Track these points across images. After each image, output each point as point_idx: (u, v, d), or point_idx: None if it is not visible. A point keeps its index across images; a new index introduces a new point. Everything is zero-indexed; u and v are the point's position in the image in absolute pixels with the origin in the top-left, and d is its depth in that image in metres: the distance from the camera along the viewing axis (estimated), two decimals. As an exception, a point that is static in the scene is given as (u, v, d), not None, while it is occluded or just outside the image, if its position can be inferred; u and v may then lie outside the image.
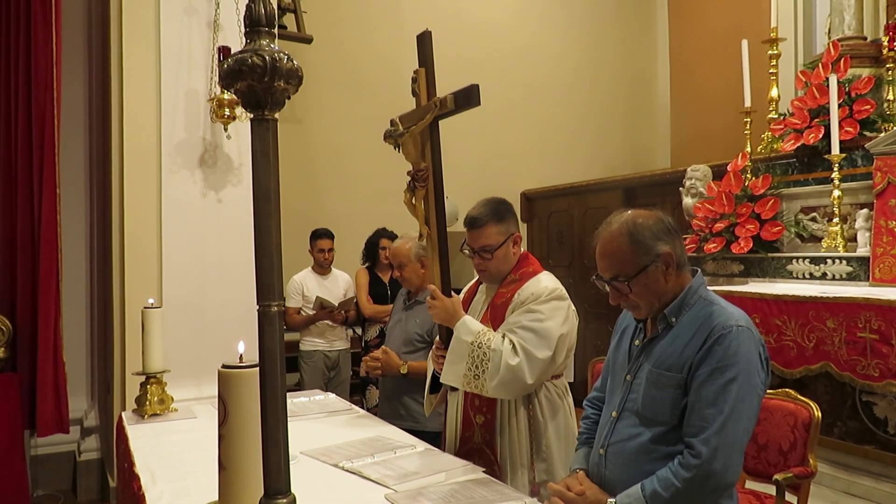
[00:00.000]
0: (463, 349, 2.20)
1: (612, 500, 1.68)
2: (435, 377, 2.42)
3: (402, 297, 3.33)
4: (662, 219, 1.76)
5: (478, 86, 2.13)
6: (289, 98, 1.10)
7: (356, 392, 5.18)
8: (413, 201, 2.31)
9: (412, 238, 3.08)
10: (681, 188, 4.93)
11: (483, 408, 2.35)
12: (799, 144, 4.30)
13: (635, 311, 1.79)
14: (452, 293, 2.36)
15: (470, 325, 2.23)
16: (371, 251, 5.15)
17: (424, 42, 2.27)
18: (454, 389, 2.39)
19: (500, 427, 2.31)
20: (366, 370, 3.14)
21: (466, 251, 2.41)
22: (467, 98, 2.15)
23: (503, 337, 2.21)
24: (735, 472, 1.62)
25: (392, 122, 2.32)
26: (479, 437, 2.35)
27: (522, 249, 2.47)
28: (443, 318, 2.30)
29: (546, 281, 2.32)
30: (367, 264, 5.18)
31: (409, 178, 2.32)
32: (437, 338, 2.41)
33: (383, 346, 3.15)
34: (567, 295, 2.33)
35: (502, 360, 2.15)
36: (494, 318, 2.34)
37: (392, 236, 4.98)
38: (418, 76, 2.29)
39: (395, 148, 2.34)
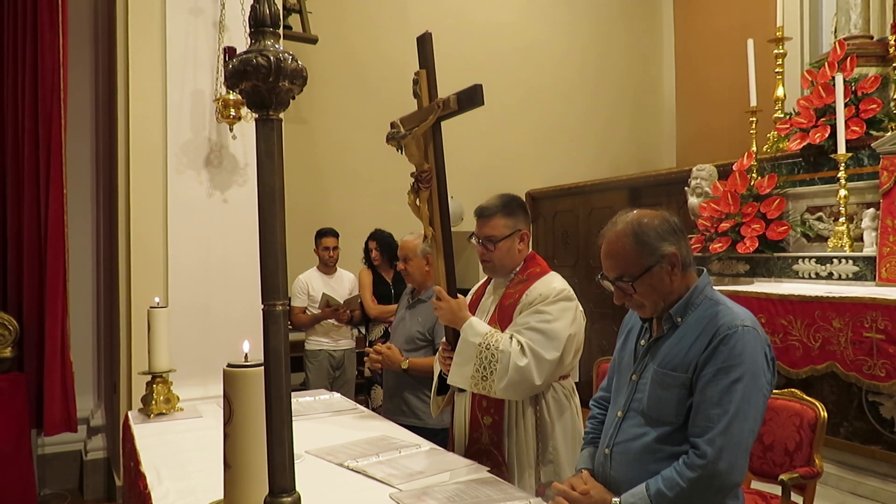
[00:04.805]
0: (470, 351, 2.19)
1: (617, 499, 1.68)
2: (442, 378, 2.42)
3: (406, 296, 3.35)
4: (668, 219, 1.75)
5: (481, 86, 2.10)
6: (293, 98, 1.10)
7: (361, 392, 5.18)
8: (417, 203, 2.30)
9: (420, 235, 3.09)
10: (686, 188, 4.91)
11: (491, 409, 2.35)
12: (805, 144, 4.28)
13: (640, 310, 1.79)
14: (459, 295, 2.36)
15: (477, 327, 2.23)
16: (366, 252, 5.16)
17: (425, 44, 2.25)
18: (461, 390, 2.39)
19: (507, 428, 2.31)
20: (368, 365, 3.15)
21: (473, 240, 2.41)
22: (471, 98, 2.13)
23: (511, 338, 2.20)
24: (740, 472, 1.61)
25: (393, 125, 2.29)
26: (486, 438, 2.35)
27: (529, 250, 2.47)
28: (448, 320, 2.29)
29: (554, 282, 2.33)
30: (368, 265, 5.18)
31: (412, 180, 2.31)
32: (444, 339, 2.41)
33: (388, 343, 3.18)
34: (575, 295, 2.32)
35: (510, 361, 2.15)
36: (502, 318, 2.34)
37: (383, 236, 4.99)
38: (419, 78, 2.27)
39: (397, 150, 2.32)
